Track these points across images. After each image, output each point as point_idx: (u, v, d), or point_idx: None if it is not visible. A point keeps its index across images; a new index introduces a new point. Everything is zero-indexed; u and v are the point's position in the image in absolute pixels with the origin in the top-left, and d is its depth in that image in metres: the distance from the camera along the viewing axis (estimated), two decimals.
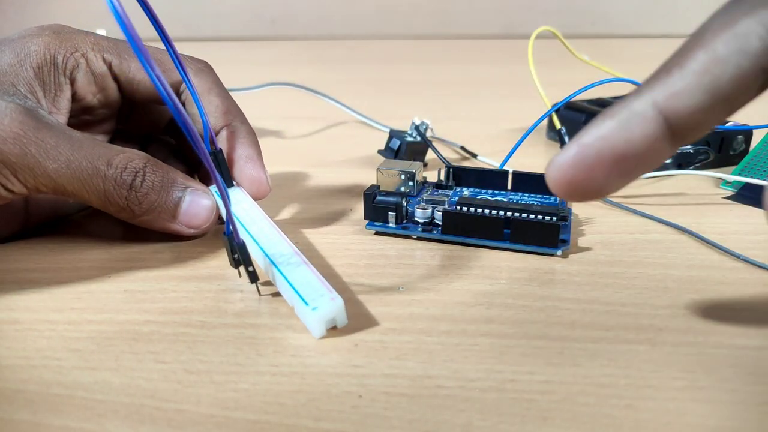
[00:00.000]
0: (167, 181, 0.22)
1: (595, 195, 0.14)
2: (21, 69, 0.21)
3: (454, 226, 0.24)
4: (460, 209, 0.24)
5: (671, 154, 0.14)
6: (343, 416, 0.15)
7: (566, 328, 0.19)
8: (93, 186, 0.21)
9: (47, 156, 0.20)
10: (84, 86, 0.23)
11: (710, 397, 0.16)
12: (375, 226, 0.25)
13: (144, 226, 0.23)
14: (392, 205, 0.25)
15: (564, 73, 0.51)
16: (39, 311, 0.20)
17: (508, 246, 0.24)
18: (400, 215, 0.25)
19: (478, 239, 0.24)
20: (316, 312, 0.18)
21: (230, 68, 0.81)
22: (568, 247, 0.23)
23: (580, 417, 0.15)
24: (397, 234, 0.25)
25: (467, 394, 0.16)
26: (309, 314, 0.18)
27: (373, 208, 0.25)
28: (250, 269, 0.19)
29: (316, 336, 0.18)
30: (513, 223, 0.23)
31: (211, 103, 0.24)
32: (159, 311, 0.20)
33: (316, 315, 0.18)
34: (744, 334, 0.18)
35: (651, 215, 0.27)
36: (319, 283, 0.19)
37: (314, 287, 0.19)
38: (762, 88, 0.14)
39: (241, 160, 0.24)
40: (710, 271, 0.22)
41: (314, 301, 0.18)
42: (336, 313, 0.18)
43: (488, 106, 0.53)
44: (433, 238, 0.25)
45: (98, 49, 0.23)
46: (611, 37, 1.05)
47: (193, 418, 0.15)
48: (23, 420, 0.15)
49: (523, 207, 0.24)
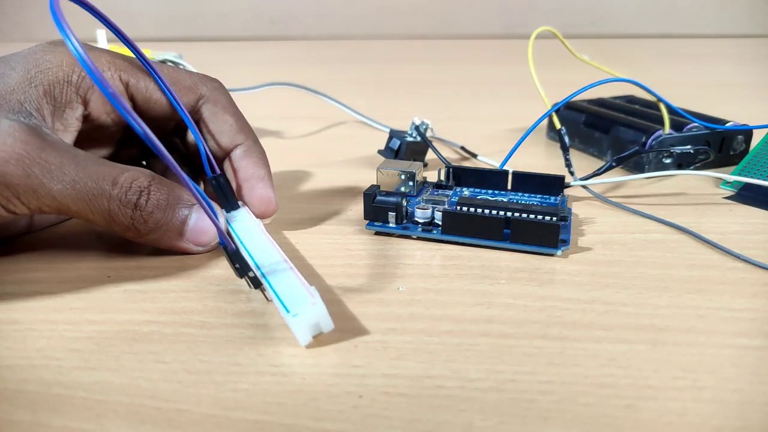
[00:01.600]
0: (173, 199, 0.22)
1: None
2: (30, 87, 0.21)
3: (454, 226, 0.24)
4: (460, 209, 0.24)
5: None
6: (343, 416, 0.15)
7: (566, 328, 0.19)
8: (98, 206, 0.20)
9: (51, 177, 0.19)
10: (98, 106, 0.23)
11: (713, 397, 0.16)
12: (375, 226, 0.25)
13: (151, 245, 0.22)
14: (392, 205, 0.25)
15: (564, 73, 0.51)
16: (39, 311, 0.20)
17: (508, 246, 0.24)
18: (400, 215, 0.25)
19: (478, 239, 0.24)
20: (296, 318, 0.17)
21: (230, 68, 0.81)
22: (568, 247, 0.23)
23: (580, 417, 0.15)
24: (397, 234, 0.25)
25: (468, 394, 0.16)
26: (290, 321, 0.18)
27: (373, 208, 0.25)
28: (250, 275, 0.19)
29: (303, 344, 0.18)
30: (513, 223, 0.23)
31: (225, 122, 0.24)
32: (159, 311, 0.20)
33: (297, 321, 0.17)
34: (745, 334, 0.18)
35: (651, 215, 0.27)
36: (303, 289, 0.19)
37: (298, 293, 0.18)
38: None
39: (253, 180, 0.24)
40: (710, 271, 0.22)
41: (295, 308, 0.18)
42: (319, 317, 0.18)
43: (488, 106, 0.53)
44: (433, 238, 0.25)
45: (115, 68, 0.23)
46: (611, 37, 1.05)
47: (193, 418, 0.15)
48: (23, 420, 0.15)
49: (523, 207, 0.24)
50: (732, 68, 0.75)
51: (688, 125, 0.33)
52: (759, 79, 0.67)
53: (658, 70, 0.72)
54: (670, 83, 0.60)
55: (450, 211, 0.24)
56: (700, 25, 1.05)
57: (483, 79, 0.69)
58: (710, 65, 0.77)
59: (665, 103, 0.33)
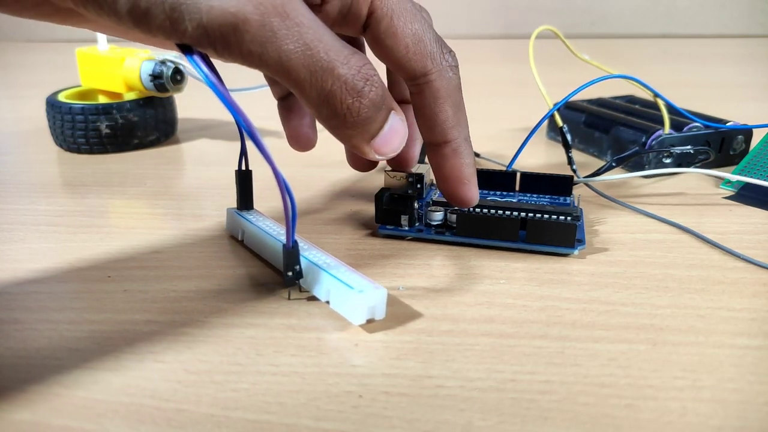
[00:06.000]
0: (386, 98, 0.20)
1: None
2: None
3: (469, 228, 0.24)
4: (475, 211, 0.24)
5: None
6: (343, 416, 0.15)
7: (566, 328, 0.19)
8: (319, 81, 0.18)
9: (288, 33, 0.17)
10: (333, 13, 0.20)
11: (712, 397, 0.16)
12: (387, 230, 0.25)
13: (339, 137, 0.20)
14: (404, 208, 0.25)
15: (564, 73, 0.51)
16: (39, 311, 0.20)
17: (523, 247, 0.24)
18: (413, 218, 0.25)
19: (493, 240, 0.24)
20: (362, 295, 0.18)
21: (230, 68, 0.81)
22: (584, 246, 0.23)
23: (580, 417, 0.15)
24: (410, 237, 0.25)
25: (467, 394, 0.16)
26: (354, 298, 0.18)
27: (384, 211, 0.25)
28: (297, 267, 0.20)
29: (356, 323, 0.19)
30: (530, 223, 0.23)
31: (441, 112, 0.22)
32: (159, 311, 0.20)
33: (361, 298, 0.18)
34: (745, 334, 0.18)
35: (651, 215, 0.27)
36: (360, 277, 0.19)
37: (357, 280, 0.19)
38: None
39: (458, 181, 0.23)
40: (710, 270, 0.22)
41: (359, 287, 0.19)
42: (378, 301, 0.19)
43: (488, 106, 0.53)
44: (447, 240, 0.25)
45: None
46: (611, 37, 1.05)
47: (193, 418, 0.15)
48: (23, 420, 0.15)
49: (537, 207, 0.24)
50: (732, 68, 0.75)
51: (688, 125, 0.33)
52: (759, 79, 0.67)
53: (658, 70, 0.71)
54: (670, 83, 0.60)
55: (464, 212, 0.24)
56: (699, 25, 1.05)
57: (483, 79, 0.69)
58: (710, 65, 0.77)
59: (663, 99, 0.33)
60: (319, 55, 0.18)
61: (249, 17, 0.16)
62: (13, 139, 0.43)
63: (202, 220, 0.27)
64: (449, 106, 0.22)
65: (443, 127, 0.22)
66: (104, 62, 0.39)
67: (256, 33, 0.17)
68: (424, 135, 0.23)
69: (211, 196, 0.31)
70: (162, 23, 0.16)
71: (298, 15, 0.17)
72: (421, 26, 0.21)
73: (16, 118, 0.50)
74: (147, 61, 0.37)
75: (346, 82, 0.18)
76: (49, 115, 0.38)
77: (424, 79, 0.21)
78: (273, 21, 0.17)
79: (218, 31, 0.16)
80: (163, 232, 0.26)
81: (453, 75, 0.22)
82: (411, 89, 0.22)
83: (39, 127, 0.44)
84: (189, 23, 0.16)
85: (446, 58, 0.22)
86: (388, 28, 0.21)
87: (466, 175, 0.23)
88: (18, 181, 0.33)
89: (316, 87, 0.18)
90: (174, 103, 0.42)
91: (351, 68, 0.18)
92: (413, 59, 0.21)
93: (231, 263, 0.23)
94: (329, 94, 0.18)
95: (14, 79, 0.72)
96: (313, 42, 0.18)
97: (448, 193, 0.23)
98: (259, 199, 0.26)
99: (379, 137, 0.20)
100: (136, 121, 0.38)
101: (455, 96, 0.22)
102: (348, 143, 0.21)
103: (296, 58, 0.17)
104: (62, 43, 0.90)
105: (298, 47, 0.17)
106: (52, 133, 0.39)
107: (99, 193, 0.31)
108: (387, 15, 0.20)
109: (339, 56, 0.18)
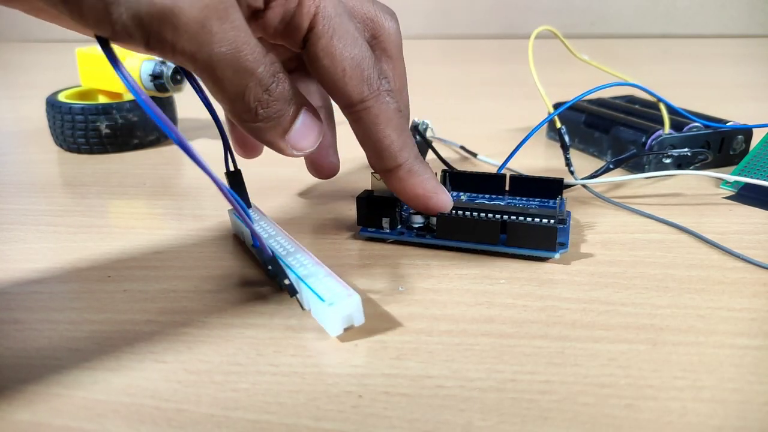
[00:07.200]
0: (294, 93, 0.20)
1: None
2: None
3: (450, 231, 0.24)
4: (456, 213, 0.24)
5: None
6: (343, 416, 0.15)
7: (566, 328, 0.19)
8: (240, 80, 0.19)
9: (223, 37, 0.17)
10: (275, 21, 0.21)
11: (712, 397, 0.16)
12: (368, 232, 0.25)
13: (252, 134, 0.21)
14: (386, 210, 0.24)
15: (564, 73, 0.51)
16: (39, 311, 0.20)
17: (504, 250, 0.23)
18: (394, 220, 0.25)
19: (473, 243, 0.24)
20: (332, 308, 0.18)
21: None
22: (567, 249, 0.23)
23: (580, 417, 0.15)
24: (390, 240, 0.25)
25: (467, 394, 0.16)
26: (325, 311, 0.18)
27: (366, 214, 0.25)
28: (286, 282, 0.19)
29: (333, 335, 0.18)
30: (509, 226, 0.23)
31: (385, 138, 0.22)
32: (159, 311, 0.20)
33: (333, 311, 0.18)
34: (745, 334, 0.18)
35: (651, 215, 0.27)
36: (336, 283, 0.19)
37: (331, 287, 0.19)
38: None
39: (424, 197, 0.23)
40: (710, 270, 0.22)
41: (331, 299, 0.18)
42: (353, 310, 0.18)
43: (488, 106, 0.53)
44: (428, 243, 0.24)
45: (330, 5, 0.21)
46: (611, 37, 1.05)
47: (193, 418, 0.15)
48: (23, 420, 0.15)
49: (519, 210, 0.24)
50: (732, 68, 0.75)
51: (688, 125, 0.33)
52: (759, 79, 0.67)
53: (658, 70, 0.71)
54: (670, 83, 0.60)
55: (444, 215, 0.24)
56: (699, 25, 1.05)
57: (483, 79, 0.69)
58: (710, 65, 0.77)
59: (666, 104, 0.33)
60: (246, 57, 0.18)
61: (189, 15, 0.16)
62: (13, 139, 0.43)
63: (202, 220, 0.27)
64: (391, 130, 0.22)
65: (390, 152, 0.22)
66: (104, 62, 0.38)
67: (194, 33, 0.17)
68: (374, 164, 0.23)
69: (211, 196, 0.31)
70: (95, 4, 0.15)
71: (236, 18, 0.18)
72: (361, 52, 0.21)
73: (16, 118, 0.50)
74: (147, 61, 0.37)
75: (261, 80, 0.19)
76: (49, 115, 0.38)
77: (362, 106, 0.22)
78: (213, 23, 0.17)
79: (155, 25, 0.16)
80: (163, 232, 0.26)
81: (390, 99, 0.22)
82: (349, 117, 0.22)
83: (39, 127, 0.44)
84: (126, 10, 0.15)
85: (382, 84, 0.22)
86: (327, 47, 0.21)
87: (429, 190, 0.23)
88: (18, 181, 0.33)
89: (235, 84, 0.19)
90: (174, 103, 0.42)
91: (266, 67, 0.19)
92: (349, 83, 0.21)
93: (231, 263, 0.23)
94: (246, 90, 0.19)
95: (14, 79, 0.72)
96: (243, 45, 0.18)
97: (421, 209, 0.24)
98: (261, 198, 0.26)
99: (293, 132, 0.21)
100: (136, 121, 0.38)
101: (396, 119, 0.22)
102: (263, 139, 0.21)
103: (225, 59, 0.18)
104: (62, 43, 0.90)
105: (230, 50, 0.18)
106: (52, 133, 0.39)
107: (99, 193, 0.31)
108: (327, 33, 0.21)
109: (260, 57, 0.19)
